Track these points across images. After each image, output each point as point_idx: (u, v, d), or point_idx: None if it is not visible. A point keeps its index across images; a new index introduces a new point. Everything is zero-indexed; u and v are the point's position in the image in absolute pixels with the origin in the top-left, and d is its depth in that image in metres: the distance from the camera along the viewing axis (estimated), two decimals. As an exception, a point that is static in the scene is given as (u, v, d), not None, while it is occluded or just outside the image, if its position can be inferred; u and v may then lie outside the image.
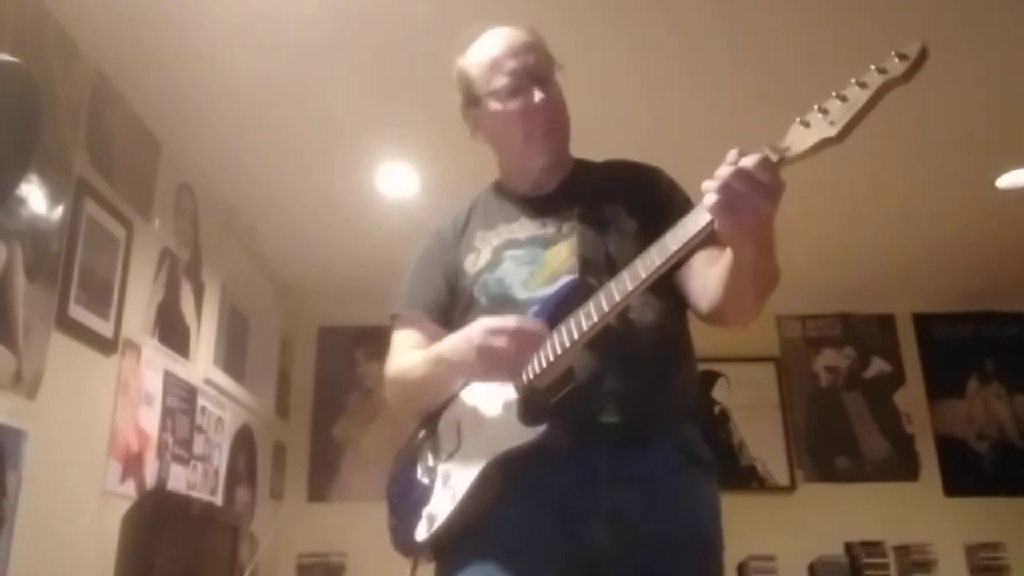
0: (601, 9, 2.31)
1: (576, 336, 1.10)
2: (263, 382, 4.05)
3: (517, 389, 1.15)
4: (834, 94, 0.92)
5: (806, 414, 4.46)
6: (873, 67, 0.90)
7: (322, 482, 4.24)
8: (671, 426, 1.21)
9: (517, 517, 1.15)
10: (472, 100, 1.38)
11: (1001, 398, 4.48)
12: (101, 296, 2.39)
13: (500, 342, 1.12)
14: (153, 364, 2.72)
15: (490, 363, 1.13)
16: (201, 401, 3.12)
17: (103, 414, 2.39)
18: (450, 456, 1.24)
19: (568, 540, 1.13)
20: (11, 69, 1.96)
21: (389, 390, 1.38)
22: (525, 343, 1.12)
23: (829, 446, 4.39)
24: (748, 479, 4.33)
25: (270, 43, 2.41)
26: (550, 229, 1.31)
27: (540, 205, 1.35)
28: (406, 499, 1.28)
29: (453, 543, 1.19)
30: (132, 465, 2.53)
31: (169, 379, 2.83)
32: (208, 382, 3.20)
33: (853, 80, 0.91)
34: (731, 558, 4.21)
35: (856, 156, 3.00)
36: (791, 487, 4.30)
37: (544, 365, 1.12)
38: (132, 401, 2.55)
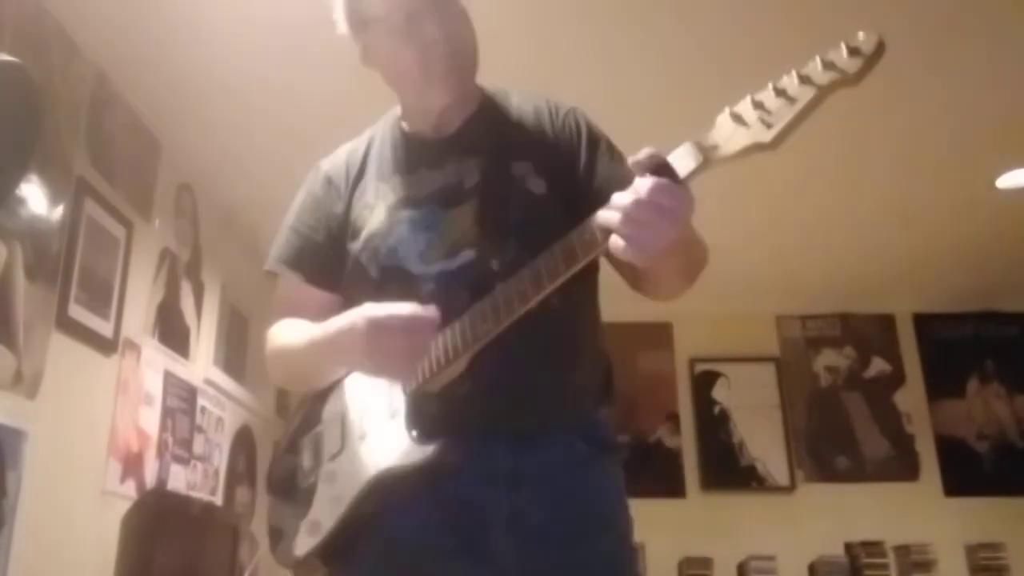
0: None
1: (471, 341, 1.01)
2: (263, 382, 4.04)
3: (405, 392, 1.07)
4: (772, 86, 0.81)
5: (806, 414, 4.46)
6: (819, 59, 0.78)
7: (322, 482, 4.23)
8: (573, 417, 1.13)
9: (410, 526, 1.06)
10: (359, 24, 1.20)
11: (1001, 398, 4.48)
12: (101, 296, 2.39)
13: (391, 339, 1.00)
14: (153, 364, 2.72)
15: (381, 362, 1.02)
16: (201, 401, 3.12)
17: (103, 414, 2.39)
18: (333, 457, 1.12)
19: (467, 548, 1.05)
20: (11, 69, 1.96)
21: (270, 365, 1.25)
22: (418, 338, 1.01)
23: (829, 446, 4.39)
24: (748, 479, 4.33)
25: (270, 43, 2.40)
26: (451, 181, 1.16)
27: (441, 149, 1.19)
28: (286, 502, 1.17)
29: (339, 556, 1.09)
30: (132, 465, 2.52)
31: (169, 379, 2.83)
32: (208, 382, 3.20)
33: (795, 72, 0.80)
34: (731, 558, 4.21)
35: (856, 157, 3.00)
36: (791, 487, 4.29)
37: (435, 369, 1.04)
38: (132, 401, 2.55)
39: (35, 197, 2.07)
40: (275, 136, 2.90)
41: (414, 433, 1.04)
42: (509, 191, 1.14)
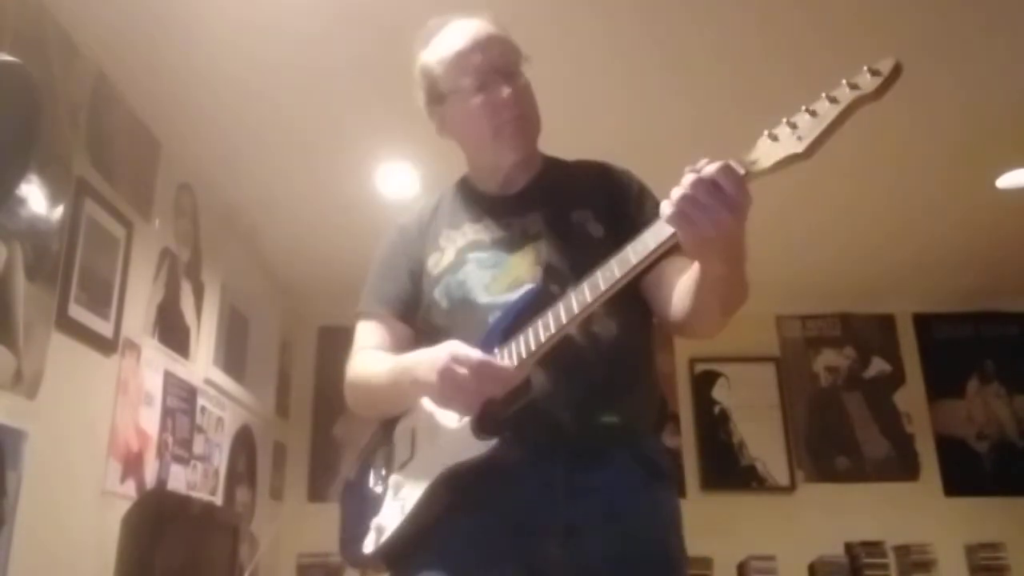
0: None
1: (533, 347, 1.08)
2: (263, 382, 4.05)
3: (468, 414, 1.13)
4: (804, 108, 0.90)
5: (806, 414, 4.46)
6: (844, 82, 0.88)
7: (322, 482, 4.24)
8: (630, 440, 1.18)
9: (467, 530, 1.12)
10: (437, 97, 1.33)
11: (1001, 398, 4.48)
12: (101, 296, 2.39)
13: (463, 372, 1.06)
14: (153, 364, 2.72)
15: (449, 391, 1.08)
16: (201, 401, 3.12)
17: (103, 414, 2.39)
18: (403, 466, 1.21)
19: (521, 556, 1.10)
20: (11, 69, 1.96)
21: (350, 392, 1.34)
22: (487, 378, 1.07)
23: (829, 446, 4.39)
24: (748, 479, 4.33)
25: (270, 43, 2.41)
26: (515, 231, 1.28)
27: (507, 205, 1.32)
28: (356, 507, 1.26)
29: (402, 556, 1.17)
30: (132, 465, 2.52)
31: (169, 379, 2.83)
32: (208, 382, 3.20)
33: (824, 94, 0.89)
34: (731, 558, 4.20)
35: (856, 156, 3.00)
36: (791, 487, 4.30)
37: (496, 391, 1.09)
38: (132, 401, 2.55)
39: (35, 197, 2.07)
40: (275, 136, 2.90)
41: (477, 432, 1.10)
42: (569, 234, 1.25)
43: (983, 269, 4.14)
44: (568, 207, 1.28)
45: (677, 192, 0.94)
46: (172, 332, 2.89)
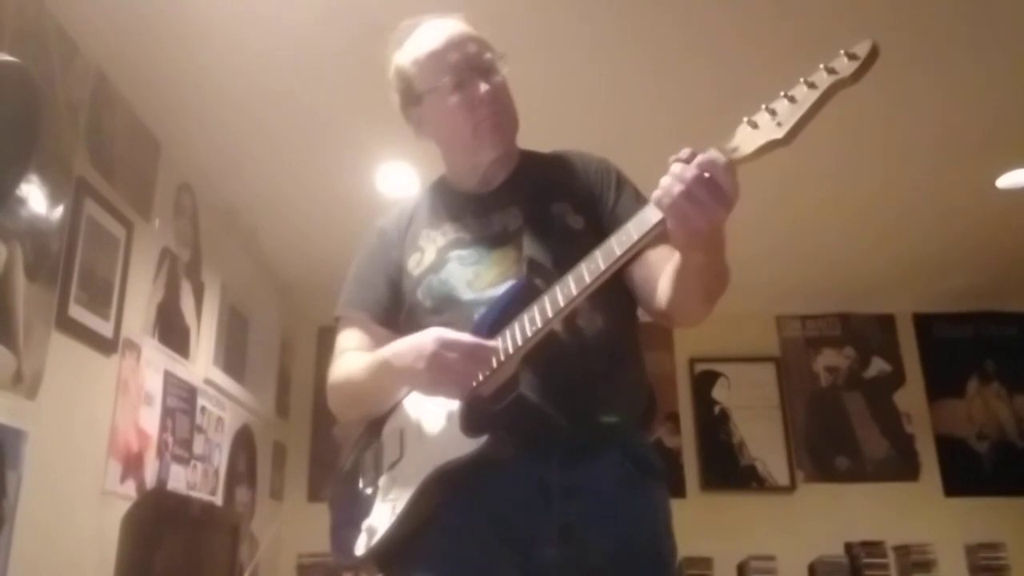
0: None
1: (520, 342, 1.07)
2: (263, 382, 4.05)
3: (460, 397, 1.12)
4: (783, 94, 0.91)
5: (806, 414, 4.46)
6: (822, 66, 0.89)
7: (322, 482, 4.24)
8: (621, 435, 1.17)
9: (460, 531, 1.11)
10: (413, 99, 1.32)
11: (1001, 398, 4.48)
12: (101, 296, 2.39)
13: (453, 356, 1.07)
14: (153, 364, 2.72)
15: (439, 376, 1.08)
16: (201, 401, 3.12)
17: (103, 414, 2.39)
18: (392, 466, 1.19)
19: (516, 557, 1.09)
20: (11, 69, 1.96)
21: (331, 396, 1.32)
22: (477, 361, 1.08)
23: (829, 446, 4.39)
24: (748, 479, 4.33)
25: (270, 43, 2.41)
26: (496, 228, 1.27)
27: (487, 202, 1.31)
28: (347, 509, 1.24)
29: (394, 557, 1.15)
30: (132, 465, 2.53)
31: (169, 379, 2.83)
32: (208, 382, 3.20)
33: (802, 79, 0.90)
34: (731, 558, 4.19)
35: (856, 156, 3.00)
36: (791, 487, 4.30)
37: (487, 372, 1.09)
38: (132, 401, 2.55)
39: (35, 197, 2.07)
40: (275, 136, 2.90)
41: (466, 430, 1.09)
42: (550, 227, 1.24)
43: (983, 269, 4.14)
44: (547, 200, 1.27)
45: (677, 188, 0.93)
46: (172, 332, 2.89)
